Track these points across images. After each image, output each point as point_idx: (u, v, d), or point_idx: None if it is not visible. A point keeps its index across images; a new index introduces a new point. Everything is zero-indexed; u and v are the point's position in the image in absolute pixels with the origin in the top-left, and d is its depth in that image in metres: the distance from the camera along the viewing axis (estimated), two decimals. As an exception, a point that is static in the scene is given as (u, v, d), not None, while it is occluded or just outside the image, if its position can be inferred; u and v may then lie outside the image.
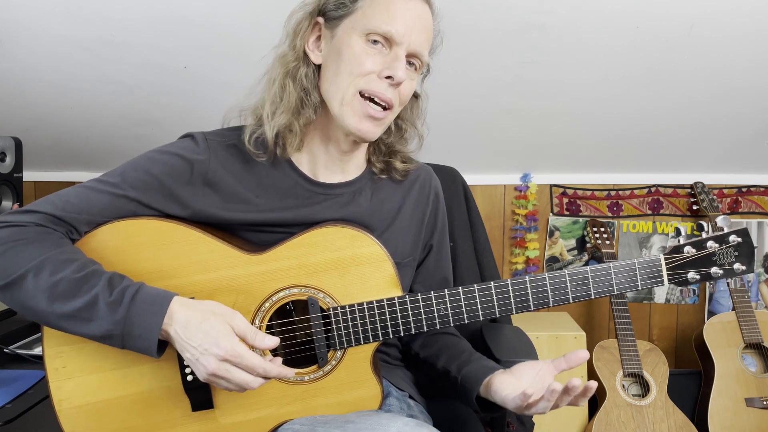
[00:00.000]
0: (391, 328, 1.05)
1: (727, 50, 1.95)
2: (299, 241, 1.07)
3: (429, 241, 1.27)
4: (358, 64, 1.04)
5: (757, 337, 2.26)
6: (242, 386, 0.97)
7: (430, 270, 1.28)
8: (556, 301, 1.04)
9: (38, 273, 0.95)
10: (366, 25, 1.04)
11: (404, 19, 1.04)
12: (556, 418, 2.26)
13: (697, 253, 1.04)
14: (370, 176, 1.21)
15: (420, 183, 1.25)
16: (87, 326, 0.95)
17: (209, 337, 0.95)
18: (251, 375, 0.97)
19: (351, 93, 1.05)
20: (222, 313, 0.98)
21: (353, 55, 1.04)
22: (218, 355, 0.94)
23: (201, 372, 0.96)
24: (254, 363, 0.96)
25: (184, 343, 0.95)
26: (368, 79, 1.04)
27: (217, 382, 0.97)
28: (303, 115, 1.10)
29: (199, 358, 0.95)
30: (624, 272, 1.04)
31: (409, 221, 1.23)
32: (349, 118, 1.06)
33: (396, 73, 1.03)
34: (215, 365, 0.95)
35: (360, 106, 1.05)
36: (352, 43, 1.04)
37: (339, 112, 1.06)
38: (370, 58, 1.04)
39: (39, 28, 1.87)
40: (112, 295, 0.95)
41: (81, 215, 1.03)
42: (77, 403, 1.04)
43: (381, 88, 1.05)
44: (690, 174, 2.54)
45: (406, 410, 1.18)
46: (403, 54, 1.05)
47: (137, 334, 0.95)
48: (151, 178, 1.07)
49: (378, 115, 1.06)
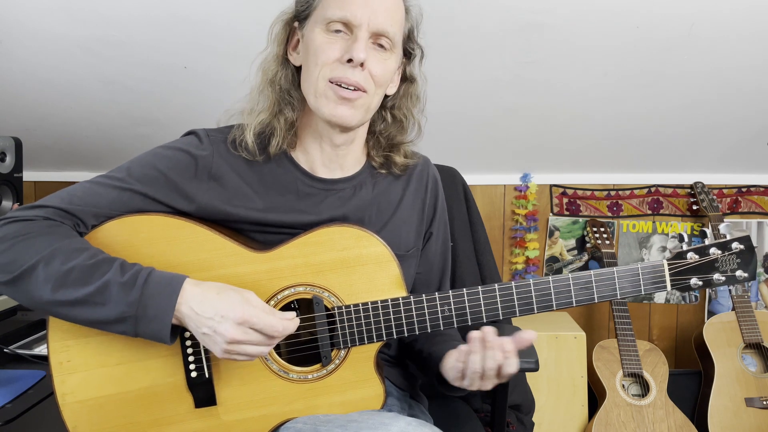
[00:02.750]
0: (395, 328, 1.05)
1: (727, 50, 1.96)
2: (305, 240, 1.07)
3: (428, 229, 1.27)
4: (322, 54, 1.06)
5: (757, 337, 2.26)
6: (260, 351, 0.97)
7: (429, 257, 1.28)
8: (559, 305, 1.04)
9: (49, 262, 0.95)
10: (324, 15, 1.07)
11: (359, 1, 1.06)
12: (556, 418, 2.26)
13: (700, 259, 1.05)
14: (370, 170, 1.21)
15: (418, 173, 1.26)
16: (100, 310, 0.95)
17: (225, 305, 0.95)
18: (267, 339, 0.97)
19: (322, 84, 1.07)
20: (237, 289, 0.99)
21: (317, 47, 1.07)
22: (235, 318, 0.94)
23: (219, 343, 0.95)
24: (272, 321, 0.96)
25: (200, 318, 0.95)
26: (333, 67, 1.06)
27: (236, 350, 0.96)
28: (283, 114, 1.12)
29: (216, 328, 0.95)
30: (627, 277, 1.04)
31: (410, 212, 1.23)
32: (323, 108, 1.08)
33: (353, 54, 1.04)
34: (233, 330, 0.94)
35: (331, 92, 1.07)
36: (315, 36, 1.08)
37: (315, 104, 1.09)
38: (332, 46, 1.06)
39: (39, 28, 1.87)
40: (124, 278, 0.95)
41: (88, 208, 1.04)
42: (80, 398, 1.04)
43: (346, 73, 1.06)
44: (690, 174, 2.55)
45: (407, 410, 1.18)
46: (363, 35, 1.06)
47: (151, 315, 0.95)
48: (157, 172, 1.08)
49: (350, 96, 1.07)
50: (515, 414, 1.70)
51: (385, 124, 1.20)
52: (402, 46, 1.15)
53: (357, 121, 1.10)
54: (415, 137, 1.24)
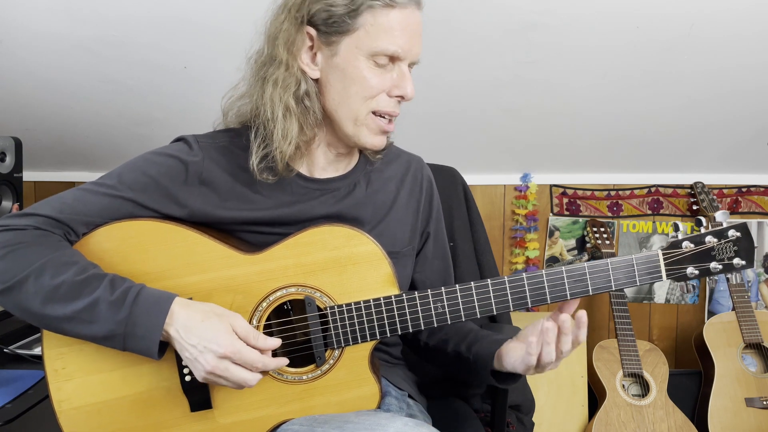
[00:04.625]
0: (389, 326, 1.05)
1: (727, 50, 1.95)
2: (296, 241, 1.07)
3: (426, 229, 1.28)
4: (370, 88, 1.06)
5: (757, 337, 2.25)
6: (240, 384, 0.98)
7: (428, 258, 1.28)
8: (553, 298, 1.03)
9: (39, 276, 0.95)
10: (371, 46, 1.04)
11: (405, 35, 1.05)
12: (556, 418, 2.26)
13: (696, 248, 1.04)
14: (363, 167, 1.21)
15: (412, 173, 1.26)
16: (89, 327, 0.96)
17: (209, 335, 0.95)
18: (249, 373, 0.98)
19: (364, 114, 1.07)
20: (223, 314, 0.99)
21: (363, 79, 1.05)
22: (217, 352, 0.95)
23: (199, 370, 0.97)
24: (253, 358, 0.97)
25: (184, 342, 0.96)
26: (378, 100, 1.07)
27: (215, 380, 0.98)
28: (307, 134, 1.11)
29: (197, 357, 0.96)
30: (622, 268, 1.03)
31: (404, 210, 1.23)
32: (365, 137, 1.09)
33: (406, 91, 1.07)
34: (214, 363, 0.95)
35: (375, 125, 1.09)
36: (360, 65, 1.05)
37: (353, 132, 1.09)
38: (378, 79, 1.06)
39: (39, 28, 1.87)
40: (113, 296, 0.96)
41: (78, 216, 1.04)
42: (77, 404, 1.04)
43: (391, 106, 1.08)
44: (690, 174, 2.54)
45: (405, 410, 1.18)
46: (407, 68, 1.08)
47: (140, 334, 0.95)
48: (148, 178, 1.07)
49: (390, 129, 1.11)
50: (515, 414, 1.70)
51: None
52: None
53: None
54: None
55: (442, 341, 1.23)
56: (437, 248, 1.30)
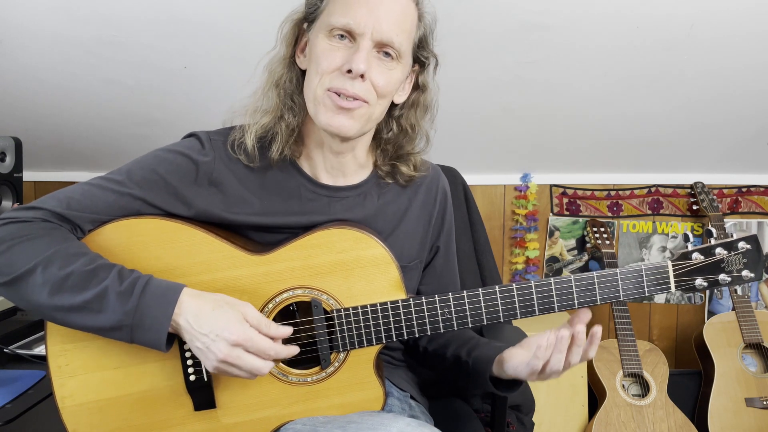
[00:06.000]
0: (395, 331, 1.05)
1: (728, 51, 1.95)
2: (303, 242, 1.06)
3: (436, 243, 1.26)
4: (323, 61, 1.03)
5: (757, 337, 2.26)
6: (253, 372, 0.97)
7: (436, 271, 1.27)
8: (561, 307, 1.03)
9: (47, 266, 0.95)
10: (327, 21, 1.04)
11: (363, 9, 1.02)
12: (556, 418, 2.26)
13: (706, 259, 1.03)
14: (376, 180, 1.19)
15: (427, 184, 1.23)
16: (96, 317, 0.95)
17: (221, 323, 0.95)
18: (262, 361, 0.97)
19: (320, 92, 1.04)
20: (234, 303, 0.99)
21: (319, 54, 1.04)
22: (230, 340, 0.94)
23: (211, 360, 0.96)
24: (265, 346, 0.96)
25: (195, 332, 0.95)
26: (333, 77, 1.03)
27: (227, 369, 0.97)
28: (284, 119, 1.10)
29: (210, 345, 0.95)
30: (631, 278, 1.02)
31: (415, 224, 1.22)
32: (321, 116, 1.05)
33: (352, 65, 1.01)
34: (227, 351, 0.94)
35: (329, 101, 1.04)
36: (318, 42, 1.05)
37: (313, 112, 1.06)
38: (333, 54, 1.03)
39: (39, 28, 1.87)
40: (122, 286, 0.95)
41: (85, 213, 1.03)
42: (80, 401, 1.04)
43: (345, 84, 1.03)
44: (690, 174, 2.54)
45: (407, 411, 1.18)
46: (366, 44, 1.02)
47: (148, 324, 0.95)
48: (157, 176, 1.07)
49: (348, 105, 1.03)
50: (515, 414, 1.70)
51: (391, 133, 1.17)
52: (413, 54, 1.11)
53: (355, 131, 1.07)
54: (424, 147, 1.20)
55: (442, 346, 1.22)
56: (446, 262, 1.28)
